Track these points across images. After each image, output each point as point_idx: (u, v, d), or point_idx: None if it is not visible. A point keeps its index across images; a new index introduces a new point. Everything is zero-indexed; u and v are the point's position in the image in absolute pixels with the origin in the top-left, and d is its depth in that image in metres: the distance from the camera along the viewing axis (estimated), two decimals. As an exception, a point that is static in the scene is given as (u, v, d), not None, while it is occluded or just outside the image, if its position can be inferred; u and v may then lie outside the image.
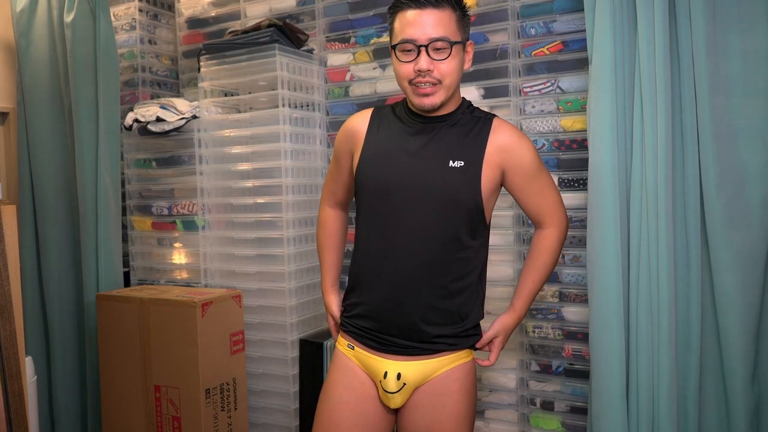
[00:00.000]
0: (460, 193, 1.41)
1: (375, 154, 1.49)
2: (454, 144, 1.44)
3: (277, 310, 2.29)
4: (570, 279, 1.98)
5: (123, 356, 2.25)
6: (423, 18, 1.36)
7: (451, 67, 1.39)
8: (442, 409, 1.45)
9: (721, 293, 1.56)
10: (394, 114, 1.53)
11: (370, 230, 1.49)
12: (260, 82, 2.31)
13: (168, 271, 2.58)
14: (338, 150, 1.61)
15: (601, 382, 1.64)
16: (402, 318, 1.44)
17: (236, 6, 2.55)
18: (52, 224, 2.53)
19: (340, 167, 1.62)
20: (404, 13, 1.39)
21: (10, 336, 1.59)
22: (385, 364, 1.46)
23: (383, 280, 1.45)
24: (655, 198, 1.57)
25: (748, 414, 1.56)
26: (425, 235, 1.42)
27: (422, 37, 1.36)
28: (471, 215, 1.43)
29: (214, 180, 2.40)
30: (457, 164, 1.42)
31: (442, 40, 1.36)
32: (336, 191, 1.68)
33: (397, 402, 1.47)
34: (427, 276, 1.43)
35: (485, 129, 1.46)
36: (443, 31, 1.37)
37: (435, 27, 1.36)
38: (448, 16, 1.38)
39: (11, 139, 2.71)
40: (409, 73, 1.39)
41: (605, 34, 1.61)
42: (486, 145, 1.44)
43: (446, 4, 1.38)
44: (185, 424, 2.12)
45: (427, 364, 1.46)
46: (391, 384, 1.45)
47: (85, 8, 2.41)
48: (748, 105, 1.53)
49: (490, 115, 1.51)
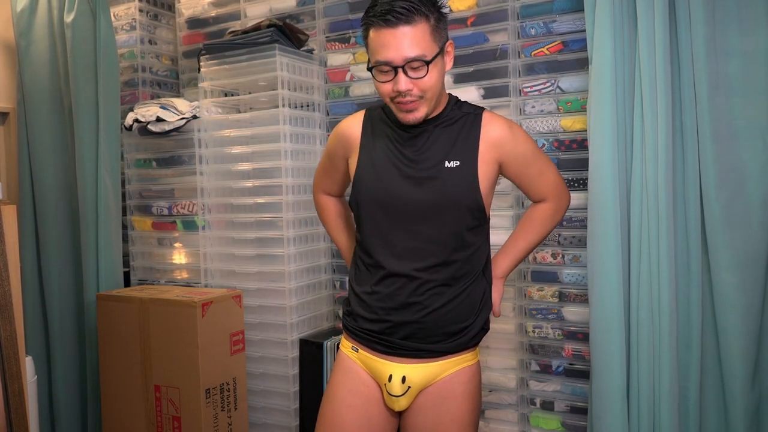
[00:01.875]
0: (459, 193, 1.41)
1: (372, 164, 1.48)
2: (448, 144, 1.44)
3: (277, 310, 2.29)
4: (570, 279, 1.98)
5: (123, 356, 2.25)
6: (397, 38, 1.31)
7: (432, 81, 1.36)
8: (445, 413, 1.44)
9: (721, 293, 1.56)
10: (386, 117, 1.51)
11: (371, 237, 1.48)
12: (260, 82, 2.31)
13: (168, 271, 2.58)
14: (332, 151, 1.62)
15: (602, 382, 1.64)
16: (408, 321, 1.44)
17: (236, 6, 2.55)
18: (52, 224, 2.53)
19: (335, 165, 1.63)
20: (377, 31, 1.33)
21: (10, 336, 1.59)
22: (390, 367, 1.46)
23: (388, 284, 1.45)
24: (655, 198, 1.57)
25: (748, 414, 1.56)
26: (429, 239, 1.42)
27: (397, 58, 1.31)
28: (472, 213, 1.43)
29: (214, 180, 2.40)
30: (453, 164, 1.42)
31: (418, 60, 1.32)
32: (330, 186, 1.71)
33: (402, 405, 1.47)
34: (433, 278, 1.43)
35: (476, 125, 1.45)
36: (418, 49, 1.31)
37: (410, 46, 1.31)
38: (422, 30, 1.32)
39: (11, 139, 2.71)
40: (389, 92, 1.37)
41: (605, 34, 1.61)
42: (479, 142, 1.44)
43: (419, 17, 1.31)
44: (185, 424, 2.12)
45: (432, 366, 1.46)
46: (396, 387, 1.45)
47: (85, 8, 2.41)
48: (748, 105, 1.53)
49: (478, 108, 1.49)
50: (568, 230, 1.96)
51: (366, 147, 1.51)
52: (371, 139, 1.51)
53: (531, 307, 2.03)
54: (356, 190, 1.50)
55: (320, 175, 1.72)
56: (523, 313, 2.05)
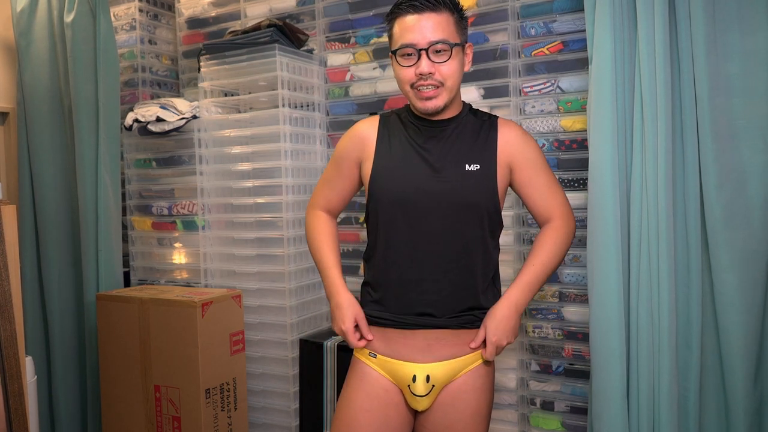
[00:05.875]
0: (479, 196, 1.43)
1: (390, 165, 1.48)
2: (467, 147, 1.45)
3: (277, 310, 2.29)
4: (570, 279, 1.98)
5: (123, 356, 2.25)
6: (422, 22, 1.37)
7: (452, 69, 1.40)
8: (466, 407, 1.46)
9: (722, 293, 1.55)
10: (401, 121, 1.53)
11: (391, 240, 1.47)
12: (260, 82, 2.31)
13: (168, 271, 2.58)
14: (343, 156, 1.57)
15: (602, 382, 1.64)
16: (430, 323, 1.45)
17: (236, 6, 2.55)
18: (52, 224, 2.53)
19: (342, 174, 1.59)
20: (403, 18, 1.40)
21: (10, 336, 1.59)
22: (412, 367, 1.46)
23: (409, 287, 1.45)
24: (655, 198, 1.57)
25: (749, 415, 1.56)
26: (449, 240, 1.43)
27: (422, 41, 1.37)
28: (490, 216, 1.45)
29: (214, 180, 2.40)
30: (473, 168, 1.44)
31: (442, 43, 1.37)
32: (331, 199, 1.63)
33: (425, 405, 1.47)
34: (456, 279, 1.44)
35: (493, 129, 1.49)
36: (442, 33, 1.38)
37: (434, 31, 1.37)
38: (446, 19, 1.39)
39: (11, 139, 2.71)
40: (410, 77, 1.40)
41: (605, 34, 1.61)
42: (496, 146, 1.47)
43: (444, 8, 1.39)
44: (185, 424, 2.12)
45: (453, 363, 1.47)
46: (420, 387, 1.45)
47: (85, 8, 2.41)
48: (748, 105, 1.52)
49: (493, 116, 1.53)
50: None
51: (382, 149, 1.51)
52: (387, 142, 1.51)
53: (531, 307, 2.03)
54: (375, 190, 1.48)
55: (321, 189, 1.65)
56: (523, 313, 2.04)
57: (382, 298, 1.49)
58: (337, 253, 1.60)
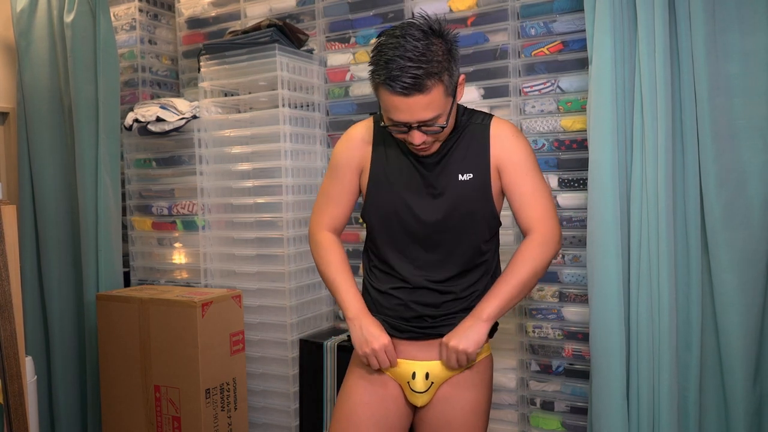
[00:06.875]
0: (474, 205, 1.43)
1: (386, 178, 1.46)
2: (460, 157, 1.44)
3: (277, 310, 2.29)
4: (570, 279, 1.97)
5: (123, 356, 2.25)
6: (410, 105, 1.28)
7: (446, 129, 1.36)
8: (464, 403, 1.47)
9: (721, 293, 1.56)
10: None
11: (388, 249, 1.48)
12: (260, 82, 2.31)
13: (168, 271, 2.58)
14: (342, 164, 1.51)
15: (602, 382, 1.64)
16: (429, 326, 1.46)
17: (236, 6, 2.54)
18: (52, 224, 2.53)
19: (343, 185, 1.52)
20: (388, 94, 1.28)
21: (10, 336, 1.58)
22: (413, 365, 1.47)
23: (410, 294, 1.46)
24: (655, 198, 1.57)
25: (749, 415, 1.56)
26: (448, 248, 1.44)
27: (411, 119, 1.30)
28: (488, 223, 1.45)
29: (214, 180, 2.40)
30: (466, 177, 1.42)
31: (434, 119, 1.31)
32: (336, 216, 1.55)
33: (424, 400, 1.48)
34: (455, 285, 1.45)
35: (485, 135, 1.45)
36: (433, 111, 1.29)
37: (425, 111, 1.29)
38: (435, 93, 1.28)
39: (11, 139, 2.71)
40: (402, 137, 1.38)
41: (605, 34, 1.61)
42: (489, 150, 1.44)
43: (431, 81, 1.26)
44: (185, 424, 2.12)
45: None
46: (420, 384, 1.46)
47: (85, 8, 2.41)
48: (748, 105, 1.53)
49: (487, 118, 1.47)
50: (568, 230, 1.96)
51: (378, 160, 1.49)
52: (383, 152, 1.49)
53: (531, 307, 2.03)
54: (371, 205, 1.48)
55: (325, 206, 1.55)
56: (523, 313, 2.05)
57: (381, 305, 1.50)
58: (353, 279, 1.53)
